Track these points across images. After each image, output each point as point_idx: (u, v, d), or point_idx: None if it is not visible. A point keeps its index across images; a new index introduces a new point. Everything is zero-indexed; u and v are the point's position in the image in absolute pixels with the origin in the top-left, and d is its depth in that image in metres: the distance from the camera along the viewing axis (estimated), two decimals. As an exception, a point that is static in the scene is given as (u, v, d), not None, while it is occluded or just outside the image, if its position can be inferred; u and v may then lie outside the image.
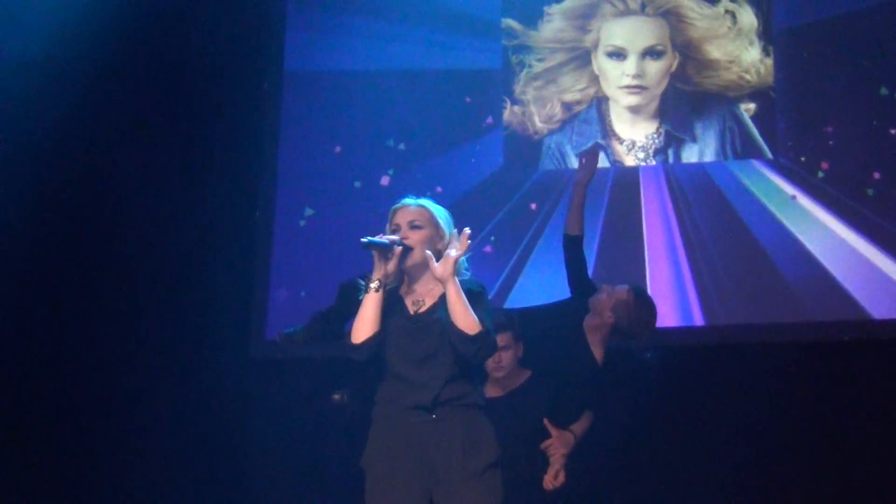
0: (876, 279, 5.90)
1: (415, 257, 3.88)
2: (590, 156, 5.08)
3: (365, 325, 3.82)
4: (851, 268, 5.94)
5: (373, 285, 3.82)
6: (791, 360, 5.75)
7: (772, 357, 5.79)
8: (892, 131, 6.06)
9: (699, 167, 6.32)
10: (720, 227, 6.17)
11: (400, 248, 3.84)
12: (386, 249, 3.82)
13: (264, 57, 6.84)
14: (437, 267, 3.79)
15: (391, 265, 3.84)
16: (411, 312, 3.92)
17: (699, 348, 5.92)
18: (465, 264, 3.93)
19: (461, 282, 3.83)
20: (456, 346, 3.77)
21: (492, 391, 4.60)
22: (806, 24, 6.30)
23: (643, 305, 4.79)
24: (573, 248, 4.95)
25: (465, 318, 3.75)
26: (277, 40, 6.86)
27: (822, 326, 5.89)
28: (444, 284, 3.78)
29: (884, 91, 6.14)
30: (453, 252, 3.80)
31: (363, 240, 3.78)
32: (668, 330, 5.80)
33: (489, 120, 6.61)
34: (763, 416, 5.67)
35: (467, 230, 3.85)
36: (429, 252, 3.83)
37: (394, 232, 3.91)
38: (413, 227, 3.90)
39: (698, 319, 6.02)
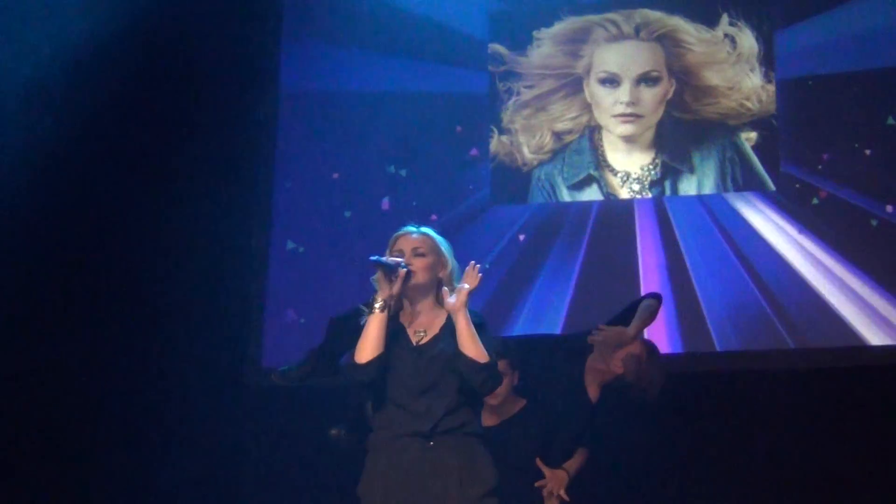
0: (872, 308, 5.81)
1: (417, 283, 3.95)
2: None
3: (370, 345, 3.87)
4: (847, 296, 5.84)
5: (377, 305, 3.87)
6: (787, 386, 5.73)
7: (767, 384, 5.77)
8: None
9: (697, 200, 6.19)
10: (718, 261, 6.04)
11: (404, 270, 3.89)
12: (391, 271, 3.88)
13: (260, 79, 6.81)
14: (450, 299, 3.88)
15: (395, 287, 3.89)
16: (413, 343, 3.96)
17: (697, 375, 5.82)
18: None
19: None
20: (465, 375, 3.85)
21: (487, 420, 4.53)
22: (810, 50, 6.19)
23: (654, 364, 4.77)
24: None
25: (476, 349, 3.85)
26: (273, 61, 6.80)
27: (818, 353, 5.81)
28: (455, 315, 3.87)
29: (891, 121, 6.03)
30: (467, 285, 3.87)
31: (373, 257, 3.84)
32: (667, 356, 5.70)
33: (473, 152, 6.46)
34: (765, 441, 5.69)
35: (476, 265, 3.90)
36: (445, 288, 3.93)
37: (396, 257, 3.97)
38: (417, 254, 3.96)
39: (697, 347, 5.91)
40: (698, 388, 5.73)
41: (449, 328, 3.92)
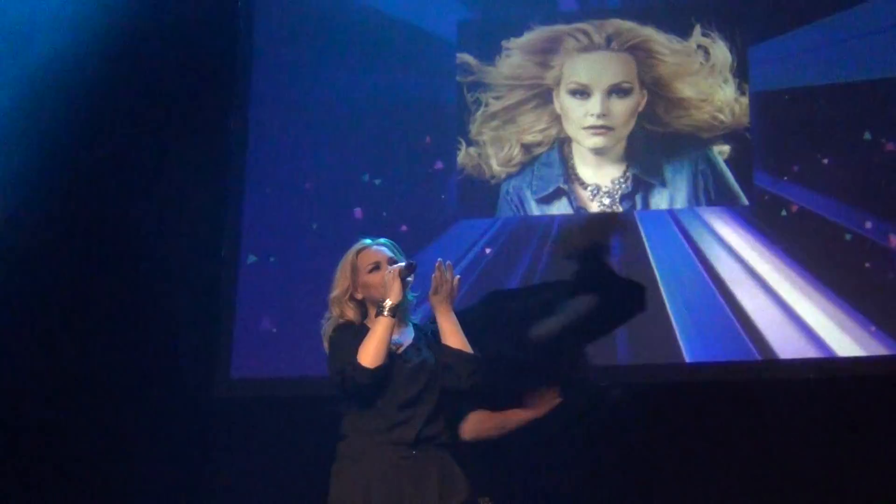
0: (841, 321, 5.81)
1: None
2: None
3: (381, 350, 3.86)
4: (817, 310, 5.84)
5: (388, 310, 3.88)
6: (755, 397, 5.78)
7: (736, 396, 5.80)
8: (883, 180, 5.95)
9: (668, 214, 6.18)
10: (688, 274, 6.02)
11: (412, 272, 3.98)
12: (410, 272, 3.98)
13: (231, 86, 6.81)
14: (434, 297, 4.00)
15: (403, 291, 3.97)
16: (396, 352, 4.00)
17: (666, 386, 5.84)
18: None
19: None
20: (453, 368, 3.96)
21: None
22: (785, 63, 6.18)
23: None
24: None
25: (462, 341, 3.99)
26: (245, 68, 6.79)
27: (785, 365, 5.81)
28: (439, 307, 4.00)
29: (867, 136, 6.02)
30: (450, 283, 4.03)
31: (412, 262, 3.97)
32: (636, 367, 5.81)
33: (438, 165, 6.42)
34: (735, 452, 5.72)
35: (448, 263, 4.04)
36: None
37: (372, 271, 4.02)
38: (392, 264, 4.03)
39: (667, 359, 5.91)
40: (667, 400, 5.74)
41: (421, 338, 4.04)
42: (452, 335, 3.97)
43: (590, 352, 4.99)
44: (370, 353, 3.82)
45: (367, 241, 4.12)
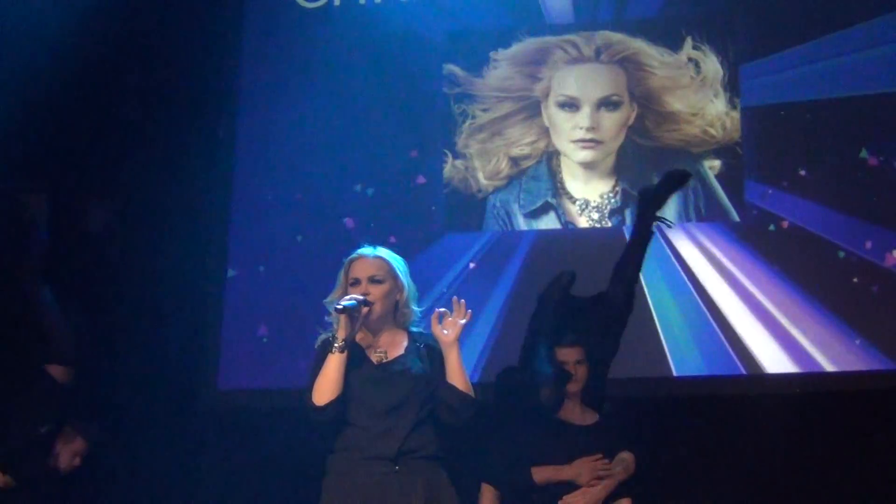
0: (825, 335, 5.86)
1: (376, 312, 4.03)
2: None
3: (330, 387, 3.91)
4: (805, 325, 5.89)
5: (337, 346, 3.93)
6: (744, 412, 5.83)
7: (724, 409, 5.85)
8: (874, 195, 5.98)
9: (657, 229, 6.12)
10: (676, 289, 6.07)
11: (367, 307, 3.99)
12: (353, 310, 3.96)
13: (219, 95, 6.83)
14: (443, 335, 4.03)
15: (357, 325, 3.98)
16: (375, 362, 4.03)
17: (654, 399, 5.90)
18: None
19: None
20: (453, 407, 4.00)
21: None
22: (777, 78, 6.22)
23: None
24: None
25: (466, 383, 4.04)
26: (233, 76, 6.83)
27: (770, 379, 5.87)
28: (447, 348, 4.03)
29: (864, 154, 6.06)
30: (462, 321, 4.05)
31: (338, 307, 3.91)
32: (624, 381, 5.69)
33: (420, 179, 6.44)
34: (722, 465, 5.75)
35: (461, 301, 4.07)
36: (433, 318, 4.08)
37: (352, 285, 4.03)
38: (374, 281, 4.05)
39: (655, 373, 5.95)
40: (655, 413, 5.76)
41: (413, 349, 4.05)
42: (457, 374, 4.01)
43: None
44: (318, 391, 3.92)
45: (364, 250, 4.14)
